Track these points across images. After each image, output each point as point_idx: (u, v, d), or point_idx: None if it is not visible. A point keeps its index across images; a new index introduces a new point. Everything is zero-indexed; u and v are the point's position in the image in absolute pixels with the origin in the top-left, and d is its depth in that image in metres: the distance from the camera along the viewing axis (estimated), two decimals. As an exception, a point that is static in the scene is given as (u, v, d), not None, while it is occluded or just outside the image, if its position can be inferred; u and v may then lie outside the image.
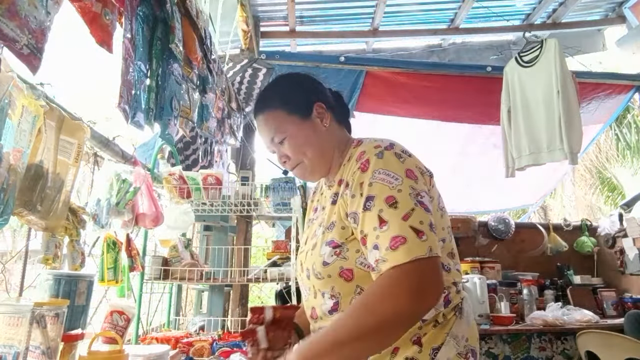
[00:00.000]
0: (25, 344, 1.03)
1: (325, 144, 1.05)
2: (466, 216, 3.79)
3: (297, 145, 1.04)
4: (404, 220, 0.83)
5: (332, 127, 1.08)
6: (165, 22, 1.60)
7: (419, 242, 0.81)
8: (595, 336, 2.52)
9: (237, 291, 2.67)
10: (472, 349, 0.96)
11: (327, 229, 0.98)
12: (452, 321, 0.94)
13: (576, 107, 3.17)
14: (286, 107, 1.05)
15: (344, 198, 0.96)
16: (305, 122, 1.05)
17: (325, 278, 0.95)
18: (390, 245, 0.82)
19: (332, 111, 1.09)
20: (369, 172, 0.91)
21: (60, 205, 1.27)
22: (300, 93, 1.08)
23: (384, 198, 0.86)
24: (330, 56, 4.08)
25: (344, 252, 0.93)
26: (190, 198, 2.16)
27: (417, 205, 0.86)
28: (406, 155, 0.96)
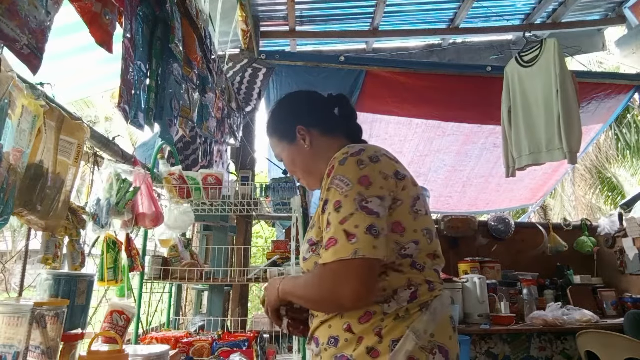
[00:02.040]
0: (25, 344, 1.03)
1: (311, 161, 1.20)
2: (466, 216, 3.78)
3: (289, 165, 1.24)
4: (341, 224, 0.93)
5: (318, 143, 1.19)
6: (165, 22, 1.60)
7: (346, 245, 0.90)
8: (595, 336, 2.52)
9: (237, 291, 2.68)
10: (440, 345, 0.98)
11: (310, 229, 1.11)
12: (415, 317, 0.98)
13: (576, 107, 3.17)
14: (276, 136, 1.25)
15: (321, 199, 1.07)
16: (292, 146, 1.21)
17: (305, 272, 1.09)
18: (325, 246, 0.94)
19: (320, 126, 1.21)
20: (330, 178, 1.01)
21: (60, 205, 1.27)
22: (285, 121, 1.23)
23: (333, 202, 0.97)
24: (330, 56, 4.09)
25: (318, 249, 1.03)
26: (190, 198, 2.15)
27: (358, 210, 0.93)
28: (372, 162, 1.01)
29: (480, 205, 5.24)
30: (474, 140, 4.48)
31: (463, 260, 3.48)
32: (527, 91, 3.36)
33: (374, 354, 0.95)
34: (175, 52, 1.63)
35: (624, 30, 4.53)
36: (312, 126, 1.20)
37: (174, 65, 1.72)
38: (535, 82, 3.31)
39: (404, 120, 4.24)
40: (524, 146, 3.32)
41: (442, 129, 4.34)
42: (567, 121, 3.07)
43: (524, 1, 4.03)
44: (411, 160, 4.61)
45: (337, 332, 1.01)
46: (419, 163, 4.66)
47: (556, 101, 3.13)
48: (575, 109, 3.17)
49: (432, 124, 4.29)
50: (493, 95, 3.57)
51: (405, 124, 4.27)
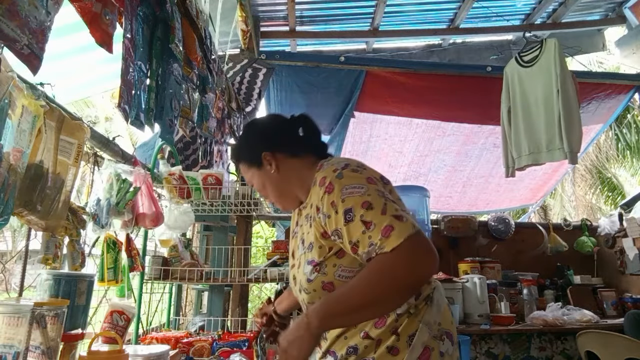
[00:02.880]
0: (25, 344, 1.03)
1: (281, 185, 1.23)
2: (466, 216, 3.78)
3: (260, 189, 1.28)
4: (384, 214, 0.96)
5: (286, 166, 1.22)
6: (165, 22, 1.60)
7: (404, 224, 0.94)
8: (595, 336, 2.52)
9: (237, 291, 2.67)
10: (447, 331, 1.09)
11: (307, 250, 1.13)
12: (423, 310, 1.07)
13: (576, 107, 3.17)
14: (245, 162, 1.28)
15: (317, 221, 1.08)
16: (260, 171, 1.24)
17: (311, 292, 1.10)
18: (382, 236, 0.94)
19: (284, 149, 1.23)
20: (336, 192, 1.02)
21: (60, 205, 1.27)
22: (251, 148, 1.26)
23: (359, 205, 0.98)
24: (330, 56, 4.09)
25: (323, 269, 1.07)
26: (190, 198, 2.15)
27: (387, 200, 1.00)
28: (362, 168, 1.09)
29: (480, 205, 5.24)
30: (474, 140, 4.48)
31: (463, 260, 3.48)
32: (527, 91, 3.36)
33: (394, 351, 1.03)
34: (175, 52, 1.63)
35: (624, 30, 4.53)
36: (277, 150, 1.22)
37: (174, 65, 1.72)
38: (535, 82, 3.31)
39: (404, 120, 4.24)
40: (524, 146, 3.32)
41: (442, 129, 4.34)
42: (568, 121, 3.07)
43: (524, 1, 4.03)
44: (411, 160, 4.61)
45: (355, 341, 1.07)
46: (419, 163, 4.66)
47: (556, 101, 3.13)
48: (576, 109, 3.17)
49: (432, 124, 4.29)
50: (493, 95, 3.57)
51: (405, 124, 4.27)
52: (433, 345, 1.05)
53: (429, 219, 3.07)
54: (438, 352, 1.05)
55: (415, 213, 3.05)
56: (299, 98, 3.92)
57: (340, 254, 1.06)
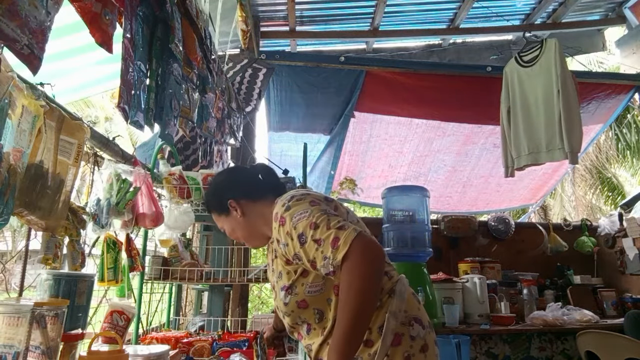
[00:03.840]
0: (25, 344, 1.03)
1: (248, 227, 1.38)
2: (466, 216, 3.78)
3: (230, 233, 1.43)
4: (329, 229, 1.10)
5: (250, 209, 1.37)
6: (165, 22, 1.60)
7: (346, 232, 1.08)
8: (595, 336, 2.52)
9: (237, 291, 2.68)
10: (414, 317, 1.22)
11: (278, 278, 1.27)
12: (387, 302, 1.19)
13: (576, 107, 3.17)
14: (215, 211, 1.43)
15: (279, 251, 1.24)
16: (229, 217, 1.39)
17: (290, 314, 1.24)
18: (332, 248, 1.08)
19: (247, 196, 1.38)
20: (288, 222, 1.17)
21: (60, 205, 1.27)
22: (218, 199, 1.40)
23: (308, 226, 1.13)
24: (330, 56, 4.09)
25: (294, 290, 1.21)
26: (190, 198, 2.15)
27: (329, 215, 1.14)
28: (305, 195, 1.24)
29: (480, 205, 5.24)
30: (474, 140, 4.48)
31: (463, 260, 3.48)
32: (527, 91, 3.36)
33: (369, 343, 1.16)
34: (175, 52, 1.63)
35: (624, 30, 4.53)
36: (240, 197, 1.37)
37: (173, 65, 1.72)
38: (535, 82, 3.31)
39: (404, 120, 4.24)
40: (523, 146, 3.32)
41: (442, 129, 4.34)
42: (568, 121, 3.07)
43: (524, 1, 4.03)
44: (411, 160, 4.62)
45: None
46: (419, 163, 4.66)
47: (557, 101, 3.13)
48: (576, 109, 3.17)
49: (432, 124, 4.29)
50: (493, 95, 3.57)
51: (405, 124, 4.27)
52: (403, 331, 1.17)
53: (429, 219, 3.07)
54: (409, 336, 1.18)
55: (415, 213, 3.05)
56: (299, 98, 3.92)
57: (305, 274, 1.20)
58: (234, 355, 1.71)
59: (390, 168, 4.65)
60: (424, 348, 1.19)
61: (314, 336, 1.23)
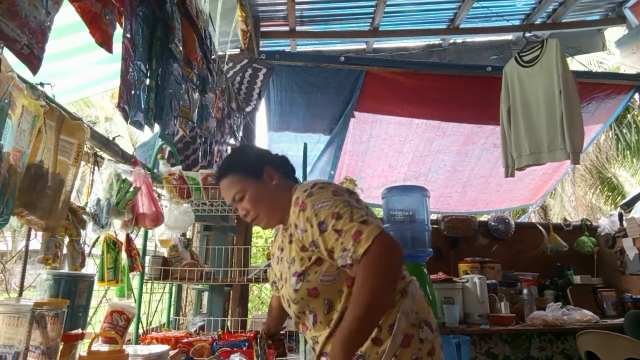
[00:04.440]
0: (25, 344, 1.03)
1: (275, 198, 1.31)
2: (466, 216, 3.78)
3: (252, 200, 1.31)
4: (352, 222, 1.09)
5: (280, 183, 1.33)
6: (165, 22, 1.60)
7: (370, 227, 1.08)
8: (595, 336, 2.52)
9: (237, 291, 2.68)
10: (424, 319, 1.22)
11: (291, 264, 1.23)
12: (400, 302, 1.19)
13: (578, 107, 3.17)
14: (244, 172, 1.32)
15: (296, 237, 1.21)
16: (258, 182, 1.31)
17: (299, 301, 1.21)
18: (354, 241, 1.07)
19: (279, 170, 1.35)
20: (309, 208, 1.16)
21: (60, 205, 1.28)
22: (254, 159, 1.36)
23: (330, 216, 1.12)
24: (330, 56, 4.09)
25: (307, 277, 1.19)
26: (190, 198, 2.15)
27: (352, 208, 1.13)
28: (328, 184, 1.24)
29: (480, 205, 5.24)
30: (474, 140, 4.48)
31: (463, 260, 3.48)
32: (527, 91, 3.36)
33: (378, 342, 1.15)
34: (175, 52, 1.63)
35: (624, 30, 4.53)
36: (276, 168, 1.34)
37: (173, 65, 1.72)
38: (535, 82, 3.30)
39: (404, 120, 4.24)
40: (524, 146, 3.32)
41: (442, 129, 4.34)
42: (570, 121, 3.07)
43: (524, 1, 4.03)
44: (411, 160, 4.61)
45: None
46: (419, 163, 4.65)
47: (559, 101, 3.13)
48: (578, 109, 3.17)
49: (432, 124, 4.29)
50: (493, 95, 3.57)
51: (405, 124, 4.27)
52: (412, 333, 1.17)
53: (429, 219, 3.07)
54: (418, 338, 1.18)
55: (415, 213, 3.05)
56: (299, 98, 3.92)
57: (319, 262, 1.18)
58: (234, 355, 1.71)
59: (390, 168, 4.64)
60: (431, 352, 1.19)
61: (320, 329, 1.22)
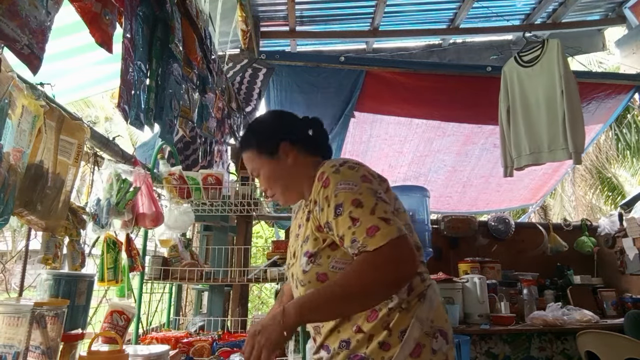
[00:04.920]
0: (25, 344, 1.03)
1: (290, 176, 1.23)
2: (466, 216, 3.78)
3: (266, 178, 1.24)
4: (372, 214, 0.99)
5: (300, 159, 1.23)
6: (165, 22, 1.60)
7: (389, 227, 0.97)
8: (595, 336, 2.52)
9: (237, 291, 2.67)
10: (440, 329, 1.09)
11: (304, 242, 1.15)
12: (416, 306, 1.08)
13: (579, 107, 3.18)
14: (257, 149, 1.24)
15: (314, 214, 1.11)
16: (272, 160, 1.22)
17: (306, 284, 1.11)
18: (367, 235, 0.97)
19: (301, 144, 1.24)
20: (331, 186, 1.06)
21: (60, 205, 1.27)
22: (269, 135, 1.25)
23: (350, 202, 1.02)
24: (330, 56, 4.09)
25: (318, 260, 1.09)
26: (190, 198, 2.15)
27: (378, 200, 1.02)
28: (358, 166, 1.12)
29: (480, 205, 5.24)
30: (474, 140, 4.48)
31: (463, 260, 3.48)
32: (527, 91, 3.35)
33: (386, 347, 1.04)
34: (175, 52, 1.63)
35: (624, 30, 4.53)
36: (295, 143, 1.23)
37: (173, 65, 1.72)
38: (535, 82, 3.30)
39: (404, 120, 4.24)
40: (524, 146, 3.32)
41: (442, 129, 4.34)
42: (572, 121, 3.07)
43: (524, 1, 4.03)
44: (411, 160, 4.61)
45: (347, 335, 1.08)
46: (419, 163, 4.65)
47: (561, 101, 3.13)
48: (580, 109, 3.17)
49: (432, 124, 4.29)
50: (493, 95, 3.57)
51: (405, 124, 4.27)
52: (425, 342, 1.05)
53: (429, 219, 3.07)
54: (430, 349, 1.06)
55: (415, 213, 3.05)
56: (299, 98, 3.92)
57: (334, 247, 1.09)
58: (234, 355, 1.71)
59: (390, 168, 4.65)
60: None
61: None
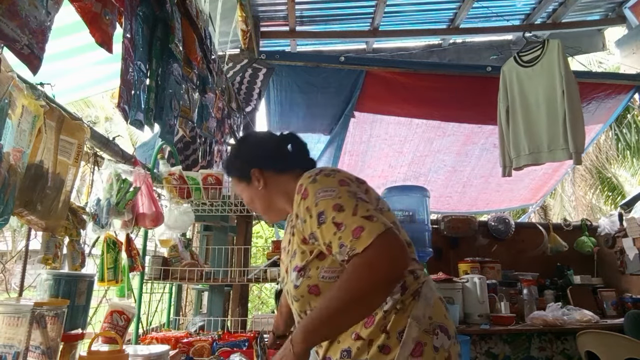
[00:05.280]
0: (25, 344, 1.03)
1: (268, 200, 1.29)
2: (466, 216, 3.78)
3: (248, 202, 1.35)
4: (355, 216, 0.99)
5: (272, 181, 1.27)
6: (165, 22, 1.60)
7: (374, 224, 0.96)
8: (595, 336, 2.52)
9: (237, 291, 2.67)
10: (440, 325, 1.08)
11: (292, 258, 1.16)
12: (411, 305, 1.07)
13: (580, 108, 3.18)
14: (235, 177, 1.34)
15: (297, 228, 1.12)
16: (249, 186, 1.30)
17: (300, 299, 1.13)
18: (353, 237, 0.96)
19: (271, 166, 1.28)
20: (311, 197, 1.07)
21: (60, 205, 1.27)
22: (241, 165, 1.31)
23: (331, 208, 1.02)
24: (330, 56, 4.09)
25: (307, 272, 1.10)
26: (190, 198, 2.16)
27: (359, 201, 1.03)
28: (335, 172, 1.14)
29: (480, 205, 5.24)
30: (474, 140, 4.48)
31: (463, 260, 3.48)
32: (527, 91, 3.35)
33: (386, 350, 1.04)
34: (175, 52, 1.63)
35: (624, 30, 4.53)
36: (266, 168, 1.27)
37: (173, 65, 1.72)
38: (536, 82, 3.30)
39: (404, 120, 4.24)
40: (523, 146, 3.32)
41: (442, 129, 4.34)
42: (573, 122, 3.07)
43: (524, 1, 4.03)
44: (411, 160, 4.61)
45: (347, 344, 1.08)
46: (419, 163, 4.65)
47: (562, 102, 3.13)
48: (580, 110, 3.17)
49: (432, 124, 4.29)
50: (493, 95, 3.57)
51: (405, 124, 4.27)
52: (425, 340, 1.04)
53: (429, 219, 3.07)
54: (432, 346, 1.04)
55: (415, 213, 3.05)
56: (299, 98, 3.92)
57: (322, 257, 1.09)
58: (234, 355, 1.71)
59: (390, 168, 4.65)
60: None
61: None
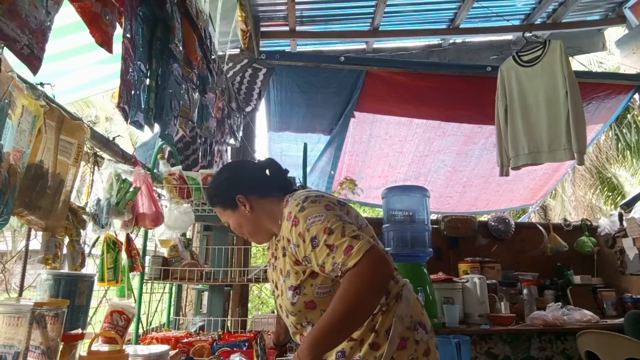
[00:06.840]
0: (25, 344, 1.03)
1: (255, 223, 1.37)
2: (466, 216, 3.78)
3: (236, 228, 1.41)
4: (343, 237, 1.12)
5: (257, 204, 1.36)
6: (165, 22, 1.60)
7: (361, 242, 1.10)
8: (595, 336, 2.52)
9: (237, 291, 2.68)
10: (419, 321, 1.26)
11: (286, 278, 1.27)
12: (394, 306, 1.23)
13: (582, 108, 3.18)
14: (220, 205, 1.41)
15: (289, 251, 1.25)
16: (235, 212, 1.38)
17: (297, 314, 1.25)
18: (345, 255, 1.09)
19: (254, 191, 1.37)
20: (302, 223, 1.19)
21: (60, 205, 1.27)
22: (225, 194, 1.39)
23: (322, 231, 1.14)
24: (330, 56, 4.09)
25: (303, 290, 1.23)
26: (190, 198, 2.15)
27: (345, 223, 1.16)
28: (319, 197, 1.25)
29: (480, 205, 5.24)
30: (474, 140, 4.48)
31: (463, 260, 3.48)
32: (526, 91, 3.35)
33: (376, 347, 1.19)
34: (175, 52, 1.63)
35: (624, 30, 4.53)
36: (249, 193, 1.36)
37: (173, 65, 1.72)
38: (536, 82, 3.30)
39: (404, 120, 4.24)
40: (522, 145, 3.32)
41: (442, 129, 4.34)
42: (576, 122, 3.07)
43: (524, 1, 4.03)
44: (411, 160, 4.61)
45: (341, 346, 1.21)
46: (419, 163, 4.66)
47: (564, 102, 3.13)
48: (582, 110, 3.17)
49: (432, 124, 4.29)
50: (493, 95, 3.57)
51: (405, 124, 4.27)
52: (408, 335, 1.22)
53: (429, 219, 3.07)
54: (413, 340, 1.22)
55: (415, 213, 3.05)
56: (299, 98, 3.92)
57: (314, 275, 1.22)
58: (234, 355, 1.71)
59: (390, 168, 4.65)
60: (427, 352, 1.24)
61: None
